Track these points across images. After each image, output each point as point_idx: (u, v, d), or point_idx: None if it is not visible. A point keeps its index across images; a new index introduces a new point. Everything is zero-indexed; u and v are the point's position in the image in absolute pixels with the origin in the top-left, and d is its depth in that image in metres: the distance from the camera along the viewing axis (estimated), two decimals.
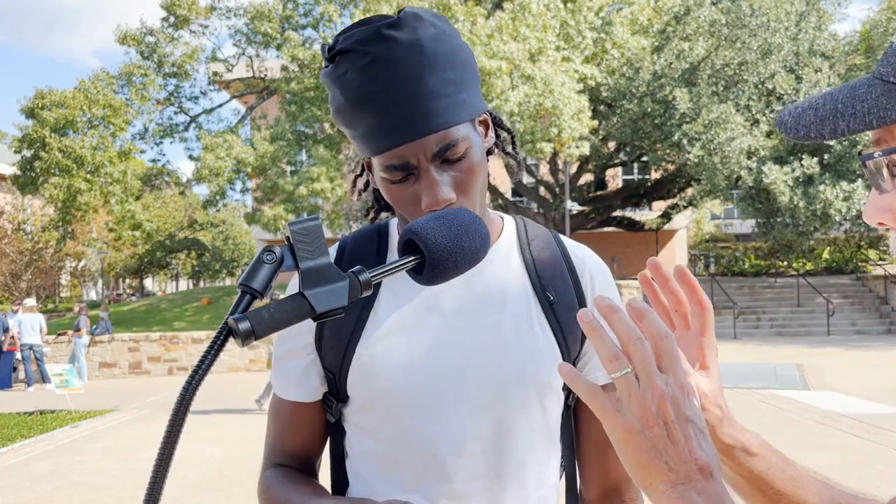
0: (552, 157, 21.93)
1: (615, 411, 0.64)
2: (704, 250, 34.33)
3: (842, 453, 6.60)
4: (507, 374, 1.03)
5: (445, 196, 0.95)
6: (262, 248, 0.67)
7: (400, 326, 1.04)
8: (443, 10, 18.20)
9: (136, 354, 15.70)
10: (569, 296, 1.09)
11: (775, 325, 19.74)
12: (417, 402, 1.02)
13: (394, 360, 1.03)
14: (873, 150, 0.59)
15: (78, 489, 6.32)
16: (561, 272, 1.10)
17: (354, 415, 1.08)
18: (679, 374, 0.64)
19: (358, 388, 1.04)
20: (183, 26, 23.75)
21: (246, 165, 20.58)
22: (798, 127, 0.61)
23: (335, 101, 0.99)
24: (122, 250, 34.74)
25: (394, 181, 0.98)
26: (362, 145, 0.99)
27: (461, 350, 1.03)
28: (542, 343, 1.06)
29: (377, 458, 1.06)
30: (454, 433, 1.02)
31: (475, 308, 1.05)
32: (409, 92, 0.93)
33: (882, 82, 0.57)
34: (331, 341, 1.05)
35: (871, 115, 0.56)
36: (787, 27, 19.09)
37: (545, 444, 1.09)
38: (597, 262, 1.15)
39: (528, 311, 1.07)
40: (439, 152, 0.96)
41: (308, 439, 1.14)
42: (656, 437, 0.62)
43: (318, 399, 1.11)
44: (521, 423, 1.05)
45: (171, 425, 0.60)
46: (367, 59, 0.93)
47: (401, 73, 0.93)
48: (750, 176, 18.50)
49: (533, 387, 1.05)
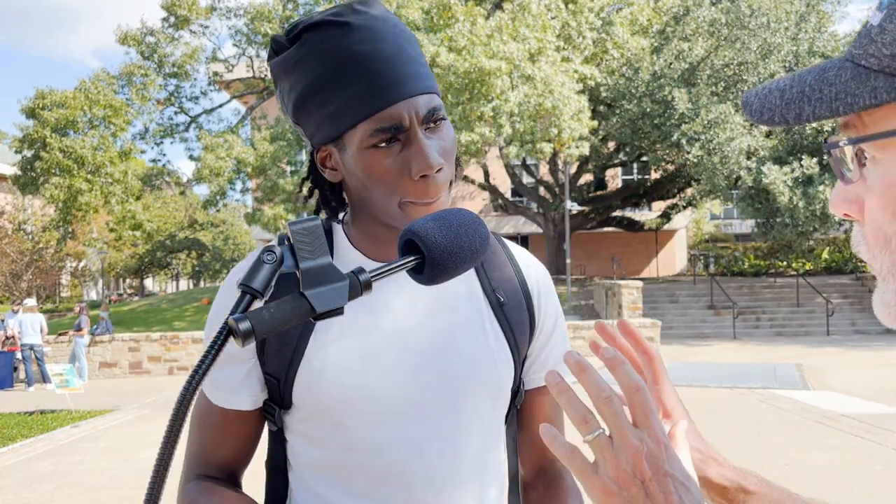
0: (552, 157, 21.93)
1: (592, 473, 0.62)
2: (704, 250, 34.33)
3: (842, 453, 6.59)
4: (462, 375, 1.02)
5: (437, 160, 0.94)
6: (262, 248, 0.67)
7: (352, 330, 1.00)
8: (443, 10, 18.22)
9: (136, 354, 15.69)
10: (517, 297, 1.10)
11: (775, 325, 19.74)
12: (371, 407, 0.99)
13: (345, 365, 0.99)
14: (840, 138, 0.56)
15: (78, 489, 6.32)
16: (508, 274, 1.11)
17: (300, 423, 1.03)
18: (655, 428, 0.62)
19: (305, 395, 0.99)
20: (183, 26, 23.77)
21: (246, 165, 20.59)
22: (763, 110, 0.57)
23: (307, 76, 0.94)
24: (122, 250, 34.78)
25: (380, 147, 0.94)
26: (345, 114, 0.94)
27: (415, 353, 1.01)
28: (493, 344, 1.05)
29: (326, 468, 1.02)
30: (409, 438, 1.00)
31: (427, 310, 1.04)
32: (394, 54, 0.94)
33: (853, 65, 0.53)
34: (275, 346, 1.00)
35: (838, 101, 0.52)
36: (786, 27, 19.09)
37: (497, 444, 1.09)
38: (540, 266, 1.17)
39: (480, 312, 1.06)
40: (428, 115, 0.95)
41: (239, 449, 1.08)
42: (634, 497, 0.60)
43: (257, 407, 1.05)
44: (475, 425, 1.04)
45: (172, 425, 0.60)
46: (346, 28, 0.93)
47: (383, 38, 0.94)
48: (749, 176, 18.51)
49: (486, 388, 1.04)
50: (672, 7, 20.94)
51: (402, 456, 1.00)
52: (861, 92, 0.51)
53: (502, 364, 1.06)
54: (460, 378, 1.02)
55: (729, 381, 11.26)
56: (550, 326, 1.14)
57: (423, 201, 0.96)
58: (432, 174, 0.94)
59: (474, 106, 17.58)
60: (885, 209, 0.54)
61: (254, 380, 1.03)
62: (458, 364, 1.03)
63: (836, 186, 0.59)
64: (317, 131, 0.98)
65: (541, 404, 1.15)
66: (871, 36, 0.52)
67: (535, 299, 1.12)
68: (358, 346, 1.00)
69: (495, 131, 17.98)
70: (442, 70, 17.29)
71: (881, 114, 0.52)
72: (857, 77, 0.52)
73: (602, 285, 19.64)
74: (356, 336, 1.00)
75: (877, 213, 0.55)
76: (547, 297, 1.14)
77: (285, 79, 0.97)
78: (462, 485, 1.03)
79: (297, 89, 0.96)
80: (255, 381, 1.02)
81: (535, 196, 26.57)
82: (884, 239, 0.55)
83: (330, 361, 0.99)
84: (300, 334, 0.99)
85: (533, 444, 1.16)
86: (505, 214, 31.88)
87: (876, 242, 0.56)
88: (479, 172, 26.34)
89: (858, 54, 0.53)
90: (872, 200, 0.55)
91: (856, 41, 0.54)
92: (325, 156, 1.02)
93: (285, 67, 0.96)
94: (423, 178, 0.94)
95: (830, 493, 5.08)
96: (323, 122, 0.96)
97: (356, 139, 0.95)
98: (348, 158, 0.97)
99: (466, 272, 0.82)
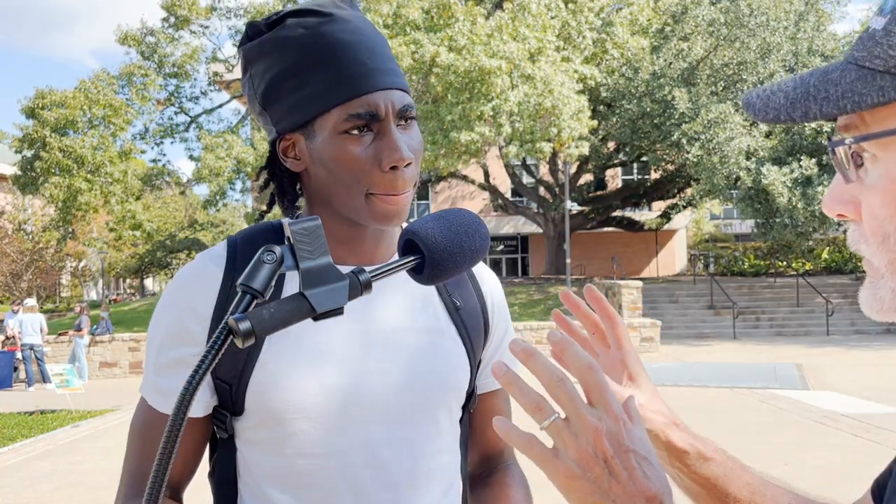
0: (552, 157, 21.93)
1: (553, 458, 0.61)
2: (704, 250, 34.33)
3: (842, 453, 6.59)
4: (420, 378, 1.02)
5: (408, 154, 0.94)
6: (262, 248, 0.67)
7: (310, 333, 0.97)
8: (443, 9, 18.22)
9: (136, 354, 15.69)
10: (472, 301, 1.11)
11: (775, 325, 19.74)
12: (328, 412, 0.97)
13: (300, 369, 0.96)
14: (844, 136, 0.57)
15: (78, 489, 6.32)
16: (462, 278, 1.11)
17: (252, 429, 0.99)
18: (612, 405, 0.62)
19: (259, 400, 0.96)
20: (183, 27, 23.78)
21: (246, 165, 20.61)
22: (767, 109, 0.58)
23: (284, 59, 0.95)
24: (122, 250, 34.75)
25: (353, 134, 0.94)
26: (321, 97, 0.93)
27: (373, 356, 1.00)
28: (450, 347, 1.06)
29: (281, 476, 0.99)
30: (366, 442, 0.99)
31: (385, 314, 1.03)
32: (374, 47, 0.96)
33: (857, 67, 0.54)
34: (228, 349, 0.99)
35: (846, 100, 0.54)
36: (786, 27, 19.10)
37: (452, 447, 1.09)
38: (492, 273, 1.19)
39: (437, 316, 1.07)
40: (402, 109, 0.96)
41: (186, 461, 1.02)
42: (598, 477, 0.60)
43: (207, 414, 1.01)
44: (432, 429, 1.04)
45: (172, 425, 0.59)
46: (329, 18, 0.95)
47: (363, 32, 0.97)
48: (749, 176, 18.51)
49: (444, 391, 1.04)
50: (671, 6, 20.95)
51: (358, 462, 0.98)
52: (868, 91, 0.53)
53: (460, 367, 1.06)
54: (419, 381, 1.02)
55: (729, 381, 11.26)
56: (502, 332, 1.16)
57: (390, 193, 0.95)
58: (402, 167, 0.95)
59: (474, 105, 17.57)
60: (887, 205, 0.55)
61: (203, 385, 1.00)
62: (418, 367, 1.02)
63: (830, 188, 0.60)
64: (285, 116, 0.97)
65: (492, 407, 1.17)
66: (875, 39, 0.53)
67: (489, 304, 1.14)
68: (313, 350, 0.98)
69: (495, 131, 17.97)
70: (442, 69, 17.29)
71: (885, 113, 0.54)
72: (862, 78, 0.53)
73: (602, 285, 19.64)
74: (312, 340, 0.98)
75: (878, 210, 0.56)
76: (500, 303, 1.17)
77: (259, 62, 0.97)
78: (418, 488, 1.02)
79: (271, 71, 0.96)
80: (205, 387, 0.99)
81: (535, 196, 26.57)
82: (882, 235, 0.56)
83: (285, 366, 0.96)
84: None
85: (481, 440, 1.18)
86: (505, 214, 31.88)
87: (875, 238, 0.57)
88: (479, 172, 26.34)
89: (862, 56, 0.54)
90: (873, 197, 0.56)
91: (857, 45, 0.55)
92: (289, 145, 1.00)
93: (261, 50, 0.96)
94: (392, 171, 0.94)
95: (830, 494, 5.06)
96: (295, 105, 0.95)
97: (329, 124, 0.94)
98: (316, 146, 0.96)
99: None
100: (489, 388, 1.16)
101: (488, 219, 31.88)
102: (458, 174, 24.37)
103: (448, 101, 17.89)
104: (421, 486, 1.03)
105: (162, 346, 1.00)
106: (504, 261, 34.70)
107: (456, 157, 18.68)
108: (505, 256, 34.81)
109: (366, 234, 1.03)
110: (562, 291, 0.95)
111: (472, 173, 27.01)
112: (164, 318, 1.00)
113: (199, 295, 0.99)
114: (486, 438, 1.19)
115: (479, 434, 1.18)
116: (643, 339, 16.18)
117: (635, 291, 17.39)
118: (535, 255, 33.32)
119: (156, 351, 1.00)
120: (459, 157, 18.82)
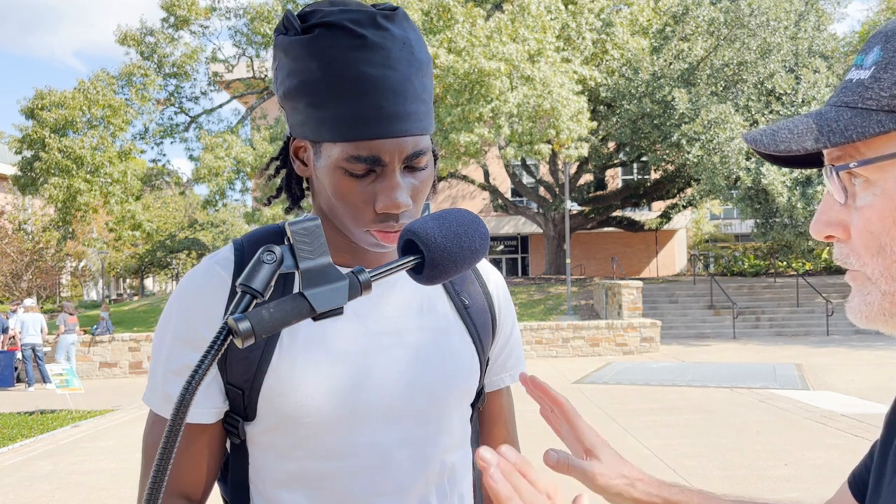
0: (552, 157, 21.95)
1: None
2: (704, 250, 34.34)
3: (841, 453, 6.59)
4: (433, 379, 1.02)
5: (405, 201, 0.93)
6: (262, 248, 0.67)
7: (320, 336, 0.97)
8: (442, 11, 18.22)
9: (136, 354, 15.69)
10: (479, 299, 1.12)
11: (775, 325, 19.74)
12: (339, 414, 0.97)
13: (314, 372, 0.96)
14: (846, 162, 0.62)
15: (78, 489, 6.32)
16: (469, 277, 1.12)
17: (265, 434, 0.99)
18: None
19: (272, 404, 0.96)
20: (183, 27, 23.79)
21: (246, 165, 20.62)
22: (777, 142, 0.63)
23: (305, 73, 0.90)
24: (122, 250, 34.76)
25: (353, 174, 0.92)
26: (330, 128, 0.91)
27: (384, 358, 1.00)
28: (460, 346, 1.06)
29: (293, 479, 0.99)
30: (378, 444, 0.99)
31: (396, 315, 1.03)
32: (399, 87, 0.90)
33: (849, 108, 0.60)
34: (239, 354, 0.96)
35: (850, 130, 0.59)
36: (786, 27, 19.10)
37: (463, 445, 1.10)
38: (496, 271, 1.20)
39: (446, 315, 1.07)
40: (410, 157, 0.93)
41: (205, 470, 1.01)
42: None
43: (219, 419, 1.00)
44: (444, 427, 1.04)
45: (172, 425, 0.59)
46: (360, 41, 0.88)
47: (394, 65, 0.90)
48: (748, 176, 18.51)
49: (456, 390, 1.05)
50: (672, 7, 20.95)
51: (370, 462, 0.98)
52: (868, 124, 0.59)
53: (470, 366, 1.07)
54: (432, 381, 1.02)
55: (729, 381, 11.26)
56: (508, 329, 1.18)
57: (384, 231, 0.96)
58: (396, 213, 0.94)
59: (473, 107, 17.58)
60: (884, 219, 0.60)
61: (215, 391, 0.98)
62: (428, 368, 1.02)
63: (819, 213, 0.65)
64: (299, 125, 0.96)
65: (499, 406, 1.20)
66: (864, 85, 0.60)
67: (496, 302, 1.14)
68: (325, 354, 0.98)
69: (494, 132, 17.98)
70: (441, 71, 17.30)
71: (881, 141, 0.59)
72: (858, 115, 0.59)
73: (602, 285, 19.64)
74: (323, 343, 0.98)
75: (874, 225, 0.61)
76: (506, 301, 1.17)
77: (286, 60, 0.94)
78: (431, 487, 1.03)
79: (293, 79, 0.93)
80: (217, 392, 0.98)
81: (535, 196, 26.58)
82: (877, 246, 0.61)
83: (297, 370, 0.96)
84: (266, 342, 0.96)
85: (487, 437, 1.21)
86: (505, 214, 31.89)
87: (867, 251, 0.62)
88: (479, 172, 26.36)
89: (853, 100, 0.60)
90: (868, 214, 0.61)
91: (842, 92, 0.62)
92: (301, 147, 1.00)
93: (288, 51, 0.93)
94: (385, 213, 0.94)
95: (830, 494, 5.06)
96: (307, 120, 0.93)
97: (333, 154, 0.92)
98: (321, 166, 0.95)
99: None
100: (497, 387, 1.18)
101: (488, 219, 31.88)
102: (458, 174, 24.38)
103: (447, 102, 17.89)
104: (433, 485, 1.03)
105: (171, 352, 0.98)
106: (504, 261, 34.71)
107: (455, 159, 18.69)
108: (505, 256, 34.82)
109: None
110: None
111: (472, 173, 27.02)
112: (173, 323, 0.99)
113: (209, 299, 0.98)
114: (492, 436, 1.20)
115: (485, 431, 1.20)
116: (643, 339, 16.17)
117: (635, 291, 17.39)
118: (535, 255, 33.33)
119: (165, 357, 0.99)
120: (459, 159, 18.83)
